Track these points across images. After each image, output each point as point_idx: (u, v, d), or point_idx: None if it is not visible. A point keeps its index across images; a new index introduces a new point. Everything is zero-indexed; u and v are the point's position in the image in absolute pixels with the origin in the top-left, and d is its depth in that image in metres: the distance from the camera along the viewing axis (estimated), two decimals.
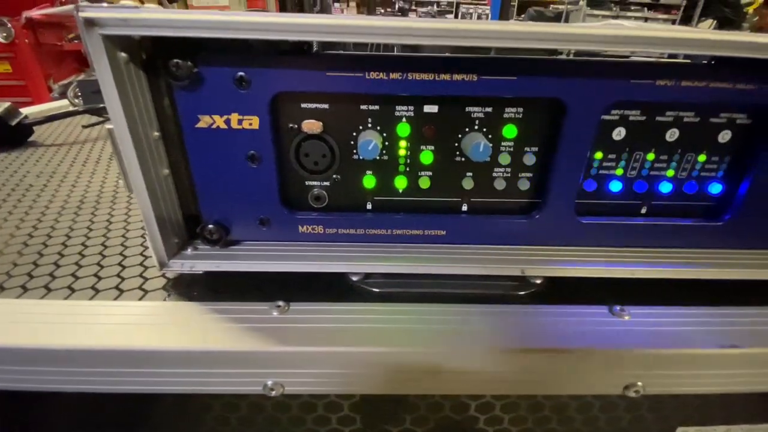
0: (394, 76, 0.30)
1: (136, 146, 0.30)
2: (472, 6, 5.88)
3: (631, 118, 0.34)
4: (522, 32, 0.26)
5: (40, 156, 0.71)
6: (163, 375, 0.30)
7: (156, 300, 0.34)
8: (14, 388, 0.31)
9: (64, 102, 1.02)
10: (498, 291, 0.37)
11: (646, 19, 4.28)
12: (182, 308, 0.33)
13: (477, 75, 0.30)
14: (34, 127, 0.81)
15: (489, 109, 0.33)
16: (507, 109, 0.33)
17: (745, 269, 0.36)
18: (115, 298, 0.35)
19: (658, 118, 0.34)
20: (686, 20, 4.43)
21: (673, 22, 4.31)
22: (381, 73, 0.30)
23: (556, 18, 4.65)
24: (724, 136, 0.35)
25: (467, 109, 0.33)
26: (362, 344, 0.31)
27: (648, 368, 0.32)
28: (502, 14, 3.85)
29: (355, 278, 0.37)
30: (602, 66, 0.30)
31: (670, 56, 0.54)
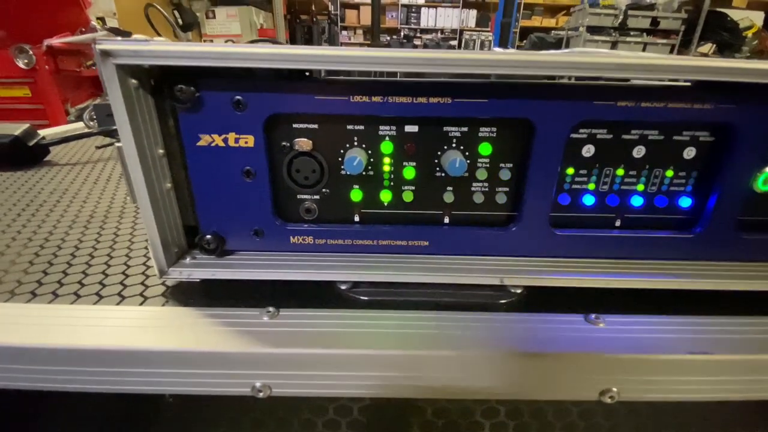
0: (376, 99, 0.33)
1: (142, 162, 0.33)
2: (475, 33, 6.07)
3: (598, 136, 0.36)
4: (508, 60, 0.29)
5: (55, 174, 0.75)
6: (158, 375, 0.32)
7: (155, 305, 0.37)
8: (22, 387, 0.33)
9: (80, 124, 1.07)
10: (479, 300, 0.38)
11: (645, 45, 4.37)
12: (179, 313, 0.35)
13: (451, 98, 0.33)
14: (51, 148, 0.86)
15: (465, 129, 0.35)
16: (481, 129, 0.35)
17: (716, 279, 0.37)
18: (118, 304, 0.37)
19: (624, 136, 0.36)
20: (685, 44, 4.52)
21: (672, 47, 4.40)
22: (364, 97, 0.33)
23: (557, 44, 4.78)
24: (689, 153, 0.37)
25: (444, 128, 0.35)
26: (349, 347, 0.32)
27: (622, 374, 0.34)
28: (503, 40, 3.98)
29: (343, 287, 0.39)
30: (567, 88, 0.33)
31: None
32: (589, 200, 0.38)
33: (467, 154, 0.36)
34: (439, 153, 0.36)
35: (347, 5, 6.75)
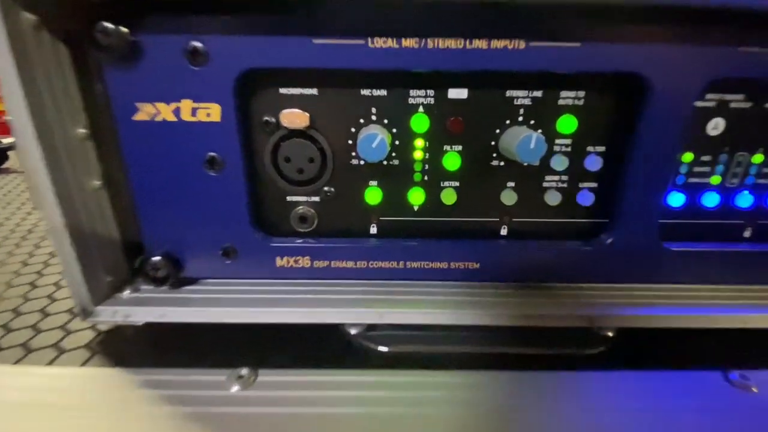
0: (408, 43, 0.21)
1: (46, 147, 0.21)
2: None
3: (732, 104, 0.25)
4: None
5: (8, 182, 0.64)
6: None
7: (70, 365, 0.24)
8: None
9: None
10: (554, 350, 0.26)
11: None
12: (101, 381, 0.23)
13: (525, 41, 0.21)
14: (10, 153, 0.75)
15: (538, 94, 0.24)
16: (563, 94, 0.24)
17: None
18: (17, 361, 0.25)
19: None
20: None
21: None
22: (390, 40, 0.21)
23: None
24: None
25: (508, 93, 0.24)
26: None
27: None
28: None
29: (353, 330, 0.26)
30: (708, 25, 0.21)
31: None
32: (711, 200, 0.26)
33: (539, 132, 0.24)
34: (497, 131, 0.24)
35: None
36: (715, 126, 0.25)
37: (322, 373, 0.24)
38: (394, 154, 0.25)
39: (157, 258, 0.26)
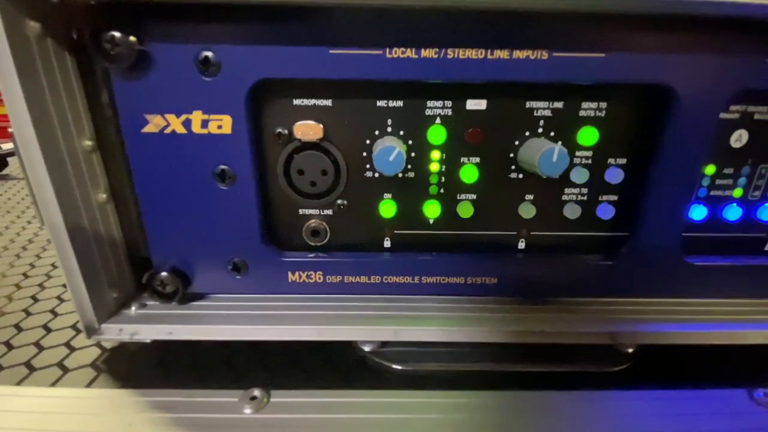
0: (427, 53, 0.21)
1: (51, 159, 0.21)
2: None
3: (756, 116, 0.24)
4: None
5: (6, 190, 0.63)
6: None
7: (75, 386, 0.23)
8: None
9: None
10: (574, 367, 0.25)
11: None
12: (106, 404, 0.22)
13: (548, 51, 0.21)
14: (10, 159, 0.74)
15: (559, 105, 0.23)
16: (584, 105, 0.23)
17: None
18: (19, 382, 0.24)
19: None
20: None
21: None
22: (408, 50, 0.21)
23: None
24: None
25: (528, 104, 0.23)
26: None
27: None
28: None
29: (367, 348, 0.26)
30: (736, 36, 0.21)
31: None
32: (734, 213, 0.26)
33: (559, 144, 0.23)
34: (516, 143, 0.24)
35: None
36: (739, 138, 0.25)
37: (335, 393, 0.23)
38: (409, 167, 0.24)
39: (164, 273, 0.25)
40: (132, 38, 0.20)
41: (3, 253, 0.41)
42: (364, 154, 0.24)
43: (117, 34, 0.20)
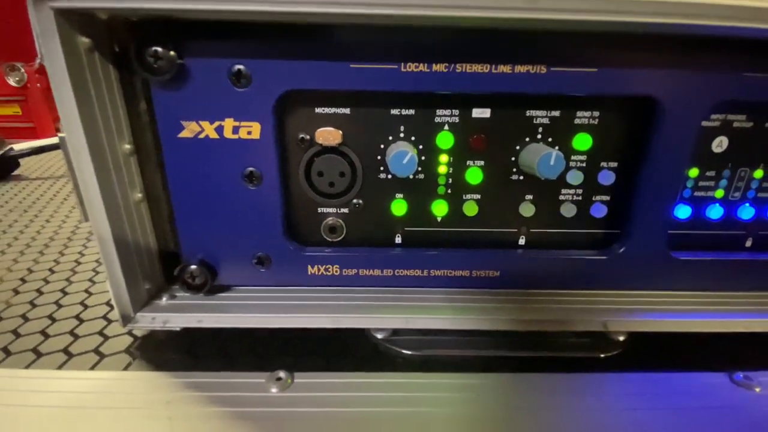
0: (438, 68, 0.23)
1: (97, 162, 0.23)
2: None
3: (735, 124, 0.26)
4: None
5: (20, 190, 0.64)
6: None
7: (113, 369, 0.25)
8: None
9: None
10: (569, 353, 0.28)
11: None
12: (144, 384, 0.24)
13: (546, 66, 0.23)
14: (21, 160, 0.76)
15: (556, 113, 0.25)
16: (579, 113, 0.25)
17: None
18: (60, 366, 0.26)
19: None
20: None
21: None
22: (421, 65, 0.23)
23: None
24: None
25: (528, 113, 0.25)
26: None
27: None
28: None
29: (379, 335, 0.28)
30: (716, 52, 0.23)
31: None
32: (715, 212, 0.28)
33: (556, 149, 0.26)
34: (517, 147, 0.26)
35: None
36: (720, 144, 0.27)
37: (353, 375, 0.25)
38: (419, 169, 0.27)
39: (194, 266, 0.27)
40: (172, 53, 0.22)
41: (26, 251, 0.43)
42: (379, 157, 0.26)
43: (159, 49, 0.22)
